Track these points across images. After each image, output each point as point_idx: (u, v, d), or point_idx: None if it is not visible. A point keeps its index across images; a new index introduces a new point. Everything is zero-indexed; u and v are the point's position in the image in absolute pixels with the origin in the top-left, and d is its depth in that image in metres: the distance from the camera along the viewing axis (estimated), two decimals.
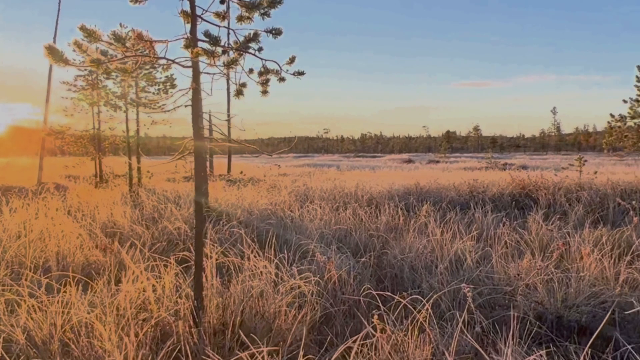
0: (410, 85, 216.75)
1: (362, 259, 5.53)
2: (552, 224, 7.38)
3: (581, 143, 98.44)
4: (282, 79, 3.92)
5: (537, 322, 3.81)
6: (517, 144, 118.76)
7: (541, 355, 2.57)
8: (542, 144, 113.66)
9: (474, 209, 9.07)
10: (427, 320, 3.10)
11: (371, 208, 9.22)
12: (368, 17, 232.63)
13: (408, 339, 2.96)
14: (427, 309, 3.12)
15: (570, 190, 10.94)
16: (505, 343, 3.09)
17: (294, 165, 37.92)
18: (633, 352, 2.95)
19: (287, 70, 3.85)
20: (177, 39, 3.22)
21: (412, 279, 5.14)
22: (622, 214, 9.23)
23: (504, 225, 7.43)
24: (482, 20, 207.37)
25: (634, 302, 3.92)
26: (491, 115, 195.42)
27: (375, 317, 2.77)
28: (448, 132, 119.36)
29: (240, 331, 3.32)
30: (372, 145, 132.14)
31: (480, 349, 2.78)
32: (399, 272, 5.39)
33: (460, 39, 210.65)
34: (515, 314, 3.83)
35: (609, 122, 11.83)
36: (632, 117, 11.15)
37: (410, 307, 3.31)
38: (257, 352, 2.53)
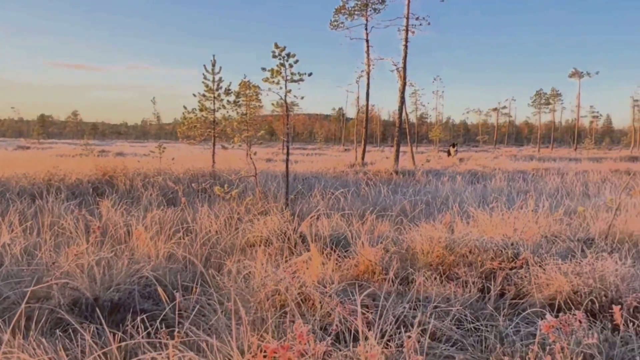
0: None
1: None
2: (122, 209, 7.58)
3: (177, 132, 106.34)
4: None
5: (72, 308, 3.79)
6: (119, 131, 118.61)
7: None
8: (143, 132, 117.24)
9: (47, 198, 8.43)
10: None
11: None
12: None
13: None
14: None
15: (149, 175, 11.55)
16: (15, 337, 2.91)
17: None
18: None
19: None
20: None
21: None
22: (191, 195, 10.33)
23: (73, 213, 7.18)
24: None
25: (159, 274, 4.37)
26: (95, 101, 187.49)
27: None
28: (43, 115, 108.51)
29: None
30: None
31: None
32: None
33: (66, 15, 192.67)
34: (44, 305, 3.71)
35: (183, 114, 13.07)
36: (201, 110, 12.62)
37: None
38: None
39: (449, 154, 28.16)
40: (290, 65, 8.68)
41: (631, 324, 2.95)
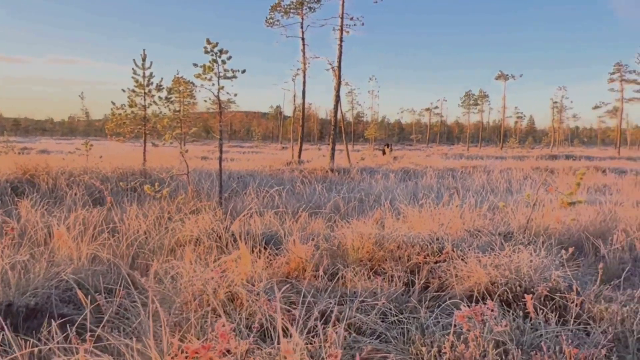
0: None
1: None
2: (43, 209, 7.19)
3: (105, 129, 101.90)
4: None
5: None
6: (44, 128, 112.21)
7: None
8: (70, 129, 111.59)
9: None
10: None
11: None
12: None
13: None
14: None
15: (74, 174, 11.00)
16: None
17: None
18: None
19: None
20: None
21: None
22: (120, 194, 9.95)
23: None
24: None
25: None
26: (17, 95, 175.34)
27: None
28: None
29: None
30: None
31: None
32: None
33: None
34: None
35: (112, 110, 12.54)
36: (131, 106, 12.16)
37: None
38: None
39: (383, 152, 28.74)
40: (223, 62, 8.56)
41: (541, 311, 3.15)
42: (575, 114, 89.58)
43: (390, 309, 3.33)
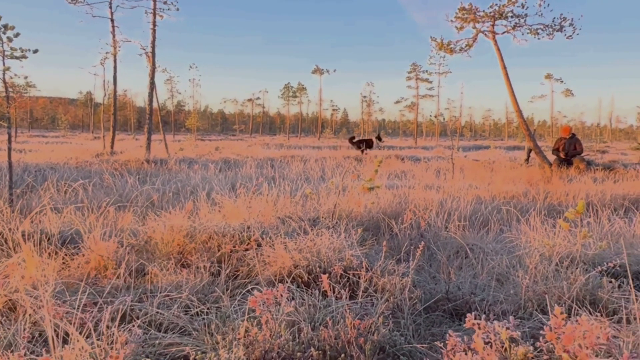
0: None
1: None
2: None
3: None
4: None
5: None
6: None
7: None
8: None
9: None
10: None
11: None
12: None
13: None
14: None
15: None
16: None
17: None
18: None
19: None
20: None
21: None
22: None
23: None
24: None
25: None
26: None
27: None
28: None
29: None
30: None
31: None
32: None
33: None
34: None
35: None
36: None
37: None
38: None
39: (359, 147, 24.47)
40: (9, 39, 7.48)
41: (336, 289, 3.42)
42: (381, 107, 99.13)
43: (193, 301, 3.30)
